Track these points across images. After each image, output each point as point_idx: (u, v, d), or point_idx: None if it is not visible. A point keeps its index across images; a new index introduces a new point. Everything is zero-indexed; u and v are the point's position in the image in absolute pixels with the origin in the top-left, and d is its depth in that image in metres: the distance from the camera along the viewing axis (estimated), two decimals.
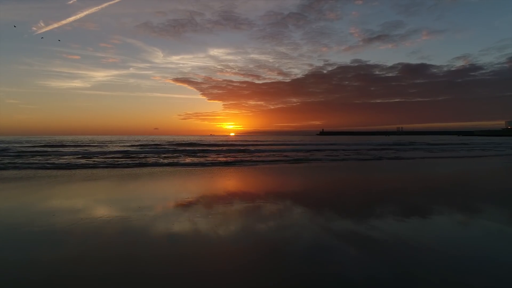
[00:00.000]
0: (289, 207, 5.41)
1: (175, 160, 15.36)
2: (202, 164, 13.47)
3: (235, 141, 50.14)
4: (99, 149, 25.01)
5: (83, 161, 15.09)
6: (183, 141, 48.66)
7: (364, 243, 3.56)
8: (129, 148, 26.08)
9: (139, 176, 9.64)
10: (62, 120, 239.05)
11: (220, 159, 16.43)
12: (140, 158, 16.44)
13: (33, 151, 22.22)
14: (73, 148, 26.30)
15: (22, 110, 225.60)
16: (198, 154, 19.69)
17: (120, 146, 29.78)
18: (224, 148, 27.56)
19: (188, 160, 15.53)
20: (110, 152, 20.58)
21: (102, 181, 8.67)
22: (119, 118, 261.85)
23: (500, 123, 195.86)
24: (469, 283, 2.60)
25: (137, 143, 35.61)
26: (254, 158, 16.73)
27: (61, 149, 25.61)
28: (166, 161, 14.72)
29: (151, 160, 15.22)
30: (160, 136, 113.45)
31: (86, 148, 26.88)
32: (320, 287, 2.54)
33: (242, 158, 17.09)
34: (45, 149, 25.09)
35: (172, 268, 2.92)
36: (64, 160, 15.34)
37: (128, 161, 14.62)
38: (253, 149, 26.57)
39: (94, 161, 14.74)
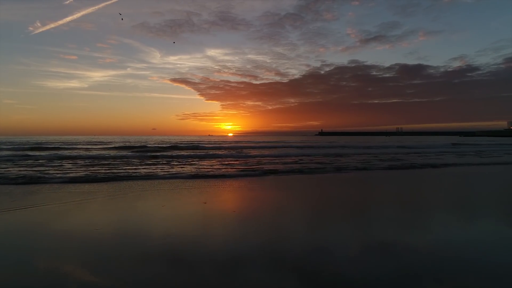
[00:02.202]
0: None
1: (158, 168, 11.98)
2: (193, 176, 10.09)
3: (234, 142, 46.75)
4: (79, 153, 21.59)
5: (39, 169, 11.71)
6: (178, 142, 45.16)
7: None
8: (111, 152, 22.64)
9: (88, 202, 6.24)
10: (60, 120, 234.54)
11: (217, 167, 13.07)
12: (113, 165, 13.00)
13: None
14: (46, 152, 22.86)
15: (19, 110, 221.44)
16: (191, 160, 16.32)
17: (103, 149, 26.27)
18: (223, 151, 24.16)
19: (177, 169, 12.15)
20: (82, 157, 17.12)
21: (17, 216, 5.28)
22: (117, 119, 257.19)
23: (497, 124, 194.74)
24: None
25: (125, 145, 32.14)
26: (261, 166, 13.38)
27: (37, 152, 22.24)
28: (144, 170, 11.32)
29: (126, 169, 11.79)
30: (157, 137, 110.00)
31: (63, 151, 23.41)
32: None
33: (246, 165, 13.75)
34: (15, 152, 21.66)
35: None
36: (17, 169, 11.94)
37: (95, 170, 11.20)
38: (256, 152, 23.18)
39: (54, 171, 11.32)
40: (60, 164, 14.10)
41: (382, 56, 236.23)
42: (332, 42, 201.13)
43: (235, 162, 15.27)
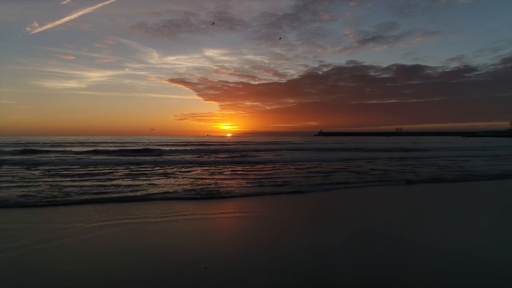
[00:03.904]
0: None
1: (143, 179, 8.98)
2: (187, 197, 7.09)
3: (235, 143, 43.83)
4: (59, 157, 18.62)
5: None
6: (175, 142, 42.10)
7: None
8: (83, 156, 19.59)
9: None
10: (58, 121, 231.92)
11: (220, 177, 10.09)
12: (86, 175, 9.92)
13: None
14: (27, 155, 19.85)
15: (17, 110, 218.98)
16: (187, 167, 13.32)
17: (88, 152, 23.15)
18: (226, 155, 21.18)
19: (167, 181, 9.15)
20: (54, 163, 14.03)
21: None
22: (115, 119, 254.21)
23: (496, 124, 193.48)
24: None
25: (118, 147, 29.16)
26: (277, 177, 10.43)
27: (17, 156, 19.31)
28: (122, 183, 8.28)
29: (99, 180, 8.74)
30: (155, 137, 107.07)
31: (42, 155, 20.38)
32: None
33: (257, 175, 10.79)
34: None
35: None
36: None
37: (57, 182, 8.12)
38: (263, 156, 20.18)
39: None
40: (16, 173, 11.10)
41: (380, 57, 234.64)
42: (330, 42, 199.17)
43: (243, 171, 12.29)
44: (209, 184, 8.63)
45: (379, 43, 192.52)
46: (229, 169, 12.65)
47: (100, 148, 27.35)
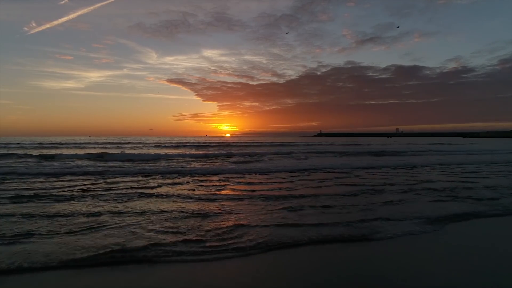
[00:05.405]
0: None
1: (114, 201, 5.76)
2: (144, 260, 3.91)
3: (238, 145, 40.61)
4: (28, 161, 15.44)
5: None
6: (174, 143, 38.75)
7: None
8: (52, 162, 16.32)
9: None
10: (56, 121, 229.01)
11: (227, 197, 6.85)
12: (42, 194, 6.70)
13: None
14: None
15: (15, 110, 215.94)
16: (182, 178, 10.10)
17: (60, 157, 19.86)
18: (230, 161, 17.96)
19: (152, 206, 5.93)
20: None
21: None
22: (114, 119, 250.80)
23: (494, 125, 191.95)
24: None
25: (97, 150, 25.94)
26: (304, 196, 7.23)
27: None
28: (78, 209, 5.05)
29: (23, 208, 5.47)
30: (154, 137, 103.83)
31: (11, 160, 17.12)
32: None
33: (274, 192, 7.57)
34: None
35: None
36: None
37: None
38: (271, 160, 16.94)
39: None
40: None
41: (378, 57, 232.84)
42: (328, 43, 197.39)
43: (256, 185, 9.04)
44: (210, 214, 5.41)
45: (377, 44, 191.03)
46: (237, 182, 9.41)
47: (88, 152, 24.09)
